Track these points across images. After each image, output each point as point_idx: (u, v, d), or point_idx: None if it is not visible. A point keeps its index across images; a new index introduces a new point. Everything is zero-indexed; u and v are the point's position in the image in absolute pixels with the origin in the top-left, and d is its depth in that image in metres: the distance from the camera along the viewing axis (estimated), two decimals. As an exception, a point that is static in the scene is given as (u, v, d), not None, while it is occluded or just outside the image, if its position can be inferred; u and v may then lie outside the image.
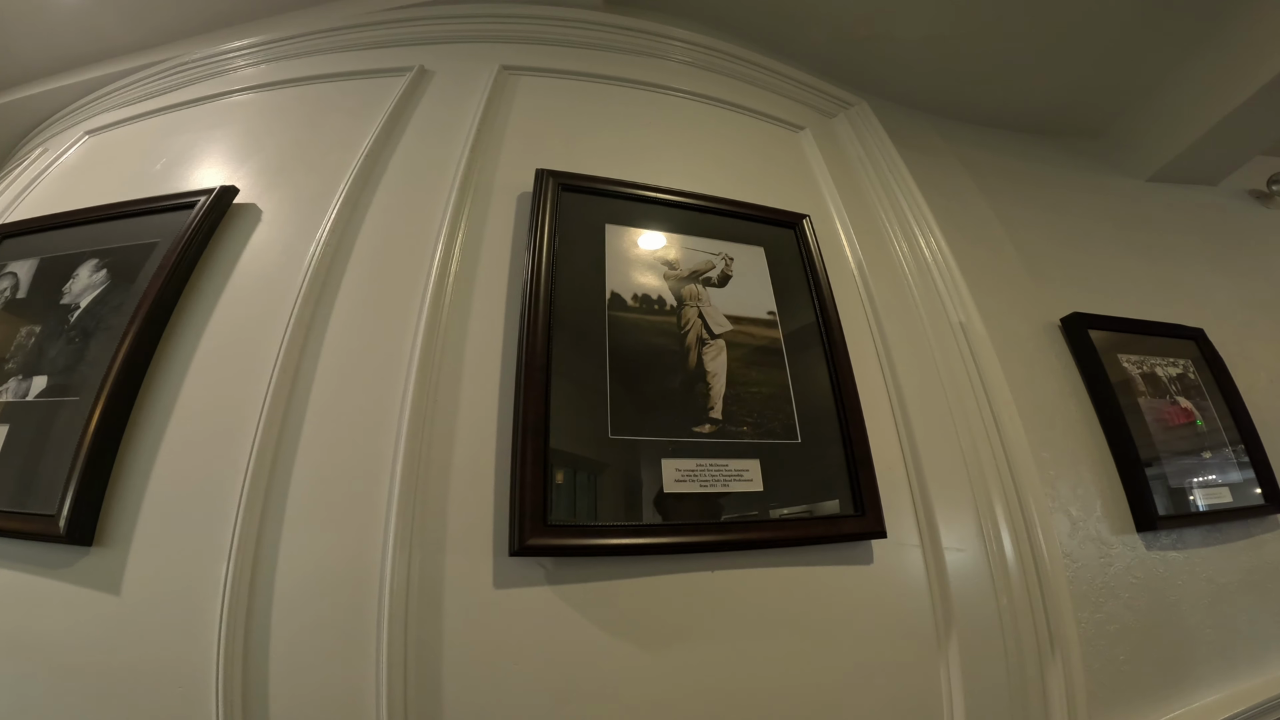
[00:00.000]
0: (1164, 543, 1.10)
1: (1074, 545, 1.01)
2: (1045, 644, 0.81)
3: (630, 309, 0.81)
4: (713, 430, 0.76)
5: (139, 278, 0.83)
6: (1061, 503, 1.04)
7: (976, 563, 0.83)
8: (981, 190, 1.52)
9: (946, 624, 0.77)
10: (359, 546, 0.63)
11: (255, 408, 0.70)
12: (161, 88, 1.29)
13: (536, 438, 0.67)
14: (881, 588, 0.78)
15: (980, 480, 0.89)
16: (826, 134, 1.32)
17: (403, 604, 0.60)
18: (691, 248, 0.91)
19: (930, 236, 1.16)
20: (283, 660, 0.59)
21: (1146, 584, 1.04)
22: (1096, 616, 0.97)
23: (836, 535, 0.76)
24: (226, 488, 0.66)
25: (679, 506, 0.70)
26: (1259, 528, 1.21)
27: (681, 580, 0.70)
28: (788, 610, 0.73)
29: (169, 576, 0.63)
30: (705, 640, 0.68)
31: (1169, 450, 1.17)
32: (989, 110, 1.74)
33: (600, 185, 0.92)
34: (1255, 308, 1.63)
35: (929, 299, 1.07)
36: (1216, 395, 1.29)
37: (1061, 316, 1.30)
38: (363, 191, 0.92)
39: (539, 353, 0.73)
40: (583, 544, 0.64)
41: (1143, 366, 1.25)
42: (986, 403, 0.97)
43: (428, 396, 0.72)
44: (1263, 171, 1.96)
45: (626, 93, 1.18)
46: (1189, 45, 1.57)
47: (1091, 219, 1.63)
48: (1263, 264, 1.77)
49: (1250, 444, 1.25)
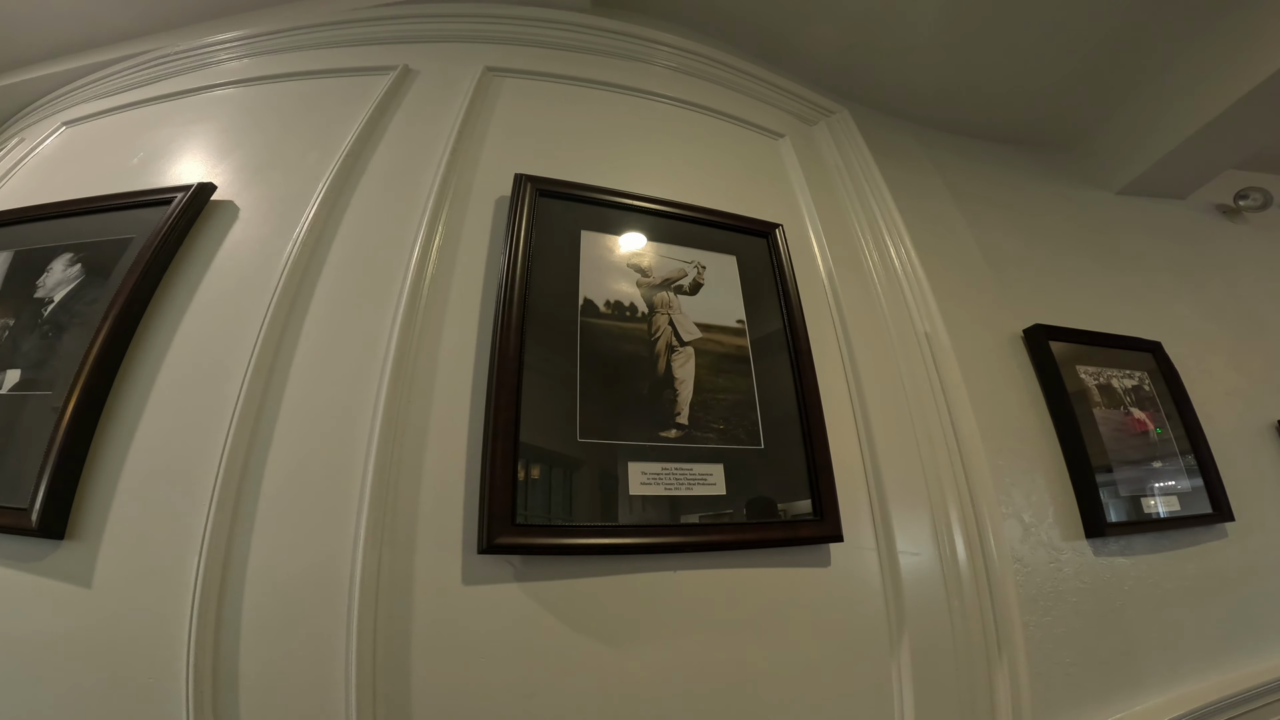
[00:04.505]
0: (1112, 549, 1.13)
1: (1025, 550, 1.04)
2: (993, 646, 0.84)
3: (602, 315, 0.83)
4: (679, 435, 0.78)
5: (114, 273, 0.83)
6: (1015, 509, 1.07)
7: (930, 567, 0.86)
8: (955, 201, 1.54)
9: (899, 625, 0.80)
10: (330, 542, 0.64)
11: (229, 403, 0.71)
12: (142, 79, 1.27)
13: (507, 439, 0.69)
14: (838, 590, 0.80)
15: (937, 486, 0.92)
16: (806, 141, 1.33)
17: (372, 599, 0.61)
18: (665, 255, 0.93)
19: (901, 246, 1.17)
20: (253, 654, 0.59)
21: (1094, 589, 1.08)
22: (1044, 620, 1.00)
23: (795, 539, 0.78)
24: (199, 482, 0.66)
25: (644, 508, 0.72)
26: (1206, 536, 1.26)
27: (646, 579, 0.72)
28: (747, 610, 0.75)
29: (141, 570, 0.63)
30: (669, 637, 0.70)
31: (1121, 459, 1.20)
32: (968, 121, 1.77)
33: (577, 191, 0.93)
34: (1215, 322, 1.66)
35: (896, 308, 1.09)
36: (1170, 407, 1.33)
37: (1024, 328, 1.33)
38: (342, 191, 0.92)
39: (511, 356, 0.74)
40: (549, 543, 0.66)
41: (1099, 378, 1.29)
42: (946, 412, 0.99)
43: (401, 397, 0.72)
44: (1231, 186, 1.99)
45: (609, 97, 1.18)
46: (1163, 61, 1.60)
47: (1061, 231, 1.66)
48: (1225, 278, 1.80)
49: (1201, 455, 1.29)
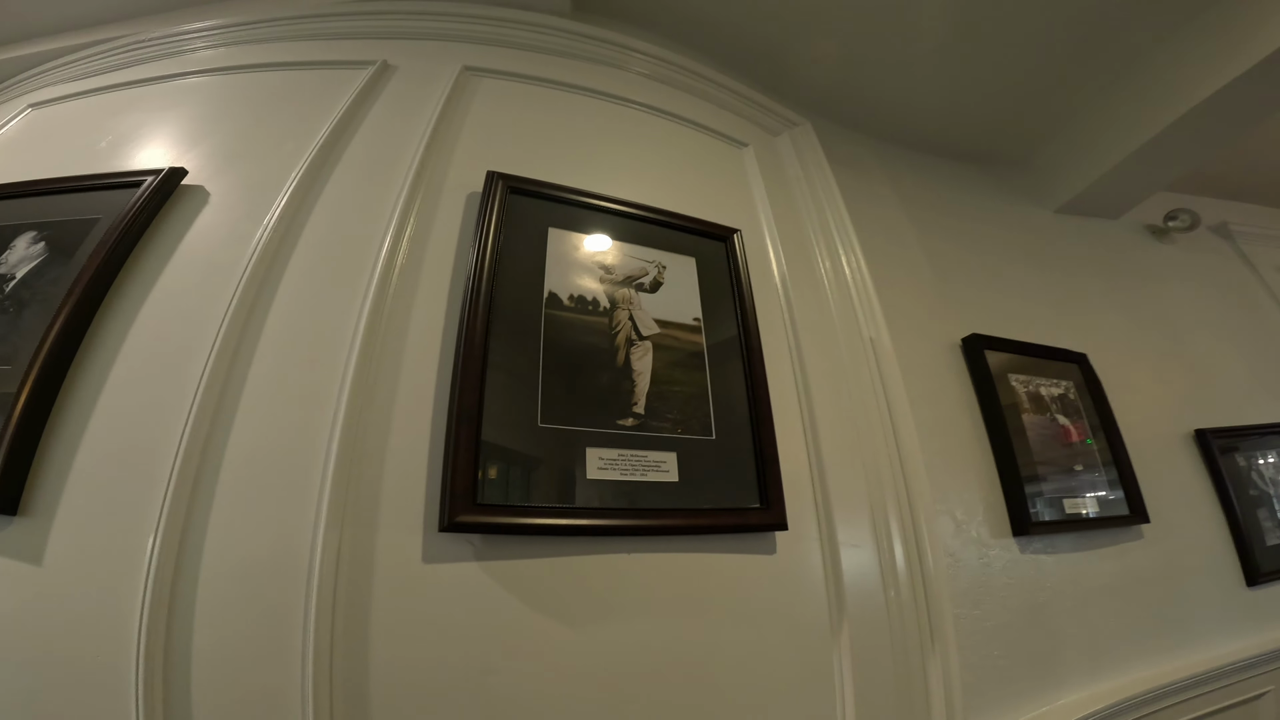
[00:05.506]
0: (1036, 547, 1.20)
1: (957, 546, 1.11)
2: (927, 637, 0.88)
3: (566, 308, 0.87)
4: (635, 424, 0.82)
5: (78, 252, 0.83)
6: (948, 506, 1.14)
7: (869, 558, 0.90)
8: (907, 214, 1.61)
9: (839, 613, 0.84)
10: (291, 520, 0.64)
11: (192, 384, 0.70)
12: (114, 64, 1.25)
13: (470, 423, 0.71)
14: (782, 576, 0.83)
15: (876, 483, 0.97)
16: (769, 151, 1.38)
17: (332, 576, 0.62)
18: (629, 255, 0.97)
19: (852, 255, 1.23)
20: (207, 632, 0.59)
21: (1020, 585, 1.14)
22: (975, 613, 1.06)
23: (743, 526, 0.82)
24: (158, 461, 0.66)
25: (600, 492, 0.75)
26: (1124, 537, 1.34)
27: (601, 560, 0.74)
28: (697, 592, 0.78)
29: (94, 548, 0.62)
30: (622, 617, 0.72)
31: (1047, 463, 1.29)
32: (924, 137, 1.85)
33: (547, 190, 0.97)
34: (1140, 337, 1.76)
35: (845, 314, 1.14)
36: (1094, 415, 1.43)
37: (963, 337, 1.41)
38: (315, 180, 0.92)
39: (477, 344, 0.77)
40: (509, 522, 0.68)
41: (1029, 386, 1.37)
42: (888, 413, 1.05)
43: (368, 381, 0.74)
44: (1161, 207, 2.10)
45: (584, 101, 1.21)
46: (1100, 91, 1.70)
47: (1003, 246, 1.74)
48: (1151, 296, 1.91)
49: (1120, 461, 1.39)
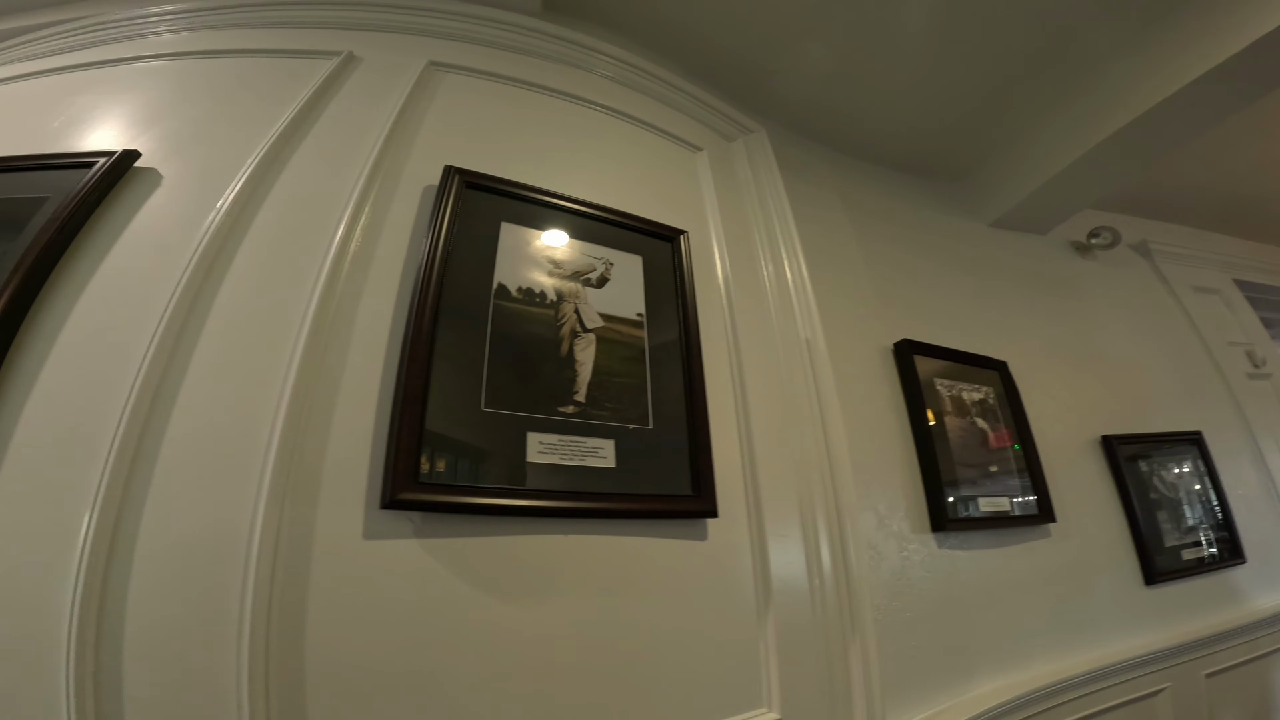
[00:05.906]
0: (952, 542, 1.28)
1: (879, 539, 1.17)
2: (849, 625, 0.93)
3: (514, 299, 0.90)
4: (575, 411, 0.86)
5: (25, 230, 0.81)
6: (873, 502, 1.20)
7: (795, 548, 0.95)
8: (850, 221, 1.68)
9: (766, 598, 0.88)
10: (231, 498, 0.64)
11: (135, 362, 0.69)
12: (73, 44, 1.21)
13: (415, 404, 0.73)
14: (713, 562, 0.88)
15: (805, 478, 1.02)
16: (722, 156, 1.42)
17: (271, 553, 0.62)
18: (578, 251, 1.01)
19: (795, 260, 1.29)
20: (141, 609, 0.58)
21: (936, 578, 1.21)
22: (894, 604, 1.12)
23: (676, 512, 0.86)
24: (98, 438, 0.65)
25: (540, 475, 0.79)
26: (1033, 535, 1.43)
27: (539, 541, 0.77)
28: (631, 574, 0.81)
29: (27, 523, 0.60)
30: (558, 597, 0.75)
31: (965, 463, 1.37)
32: (872, 148, 1.93)
33: (502, 186, 1.00)
34: (1056, 347, 1.87)
35: (784, 315, 1.20)
36: (1009, 419, 1.53)
37: (894, 341, 1.48)
38: (271, 167, 0.92)
39: (425, 329, 0.79)
40: (450, 500, 0.71)
41: (953, 390, 1.46)
42: (819, 410, 1.11)
43: (315, 363, 0.74)
44: (1086, 225, 2.21)
45: (546, 101, 1.23)
46: (1042, 105, 1.78)
47: (937, 257, 1.83)
48: (1069, 309, 2.02)
49: (1032, 463, 1.49)
